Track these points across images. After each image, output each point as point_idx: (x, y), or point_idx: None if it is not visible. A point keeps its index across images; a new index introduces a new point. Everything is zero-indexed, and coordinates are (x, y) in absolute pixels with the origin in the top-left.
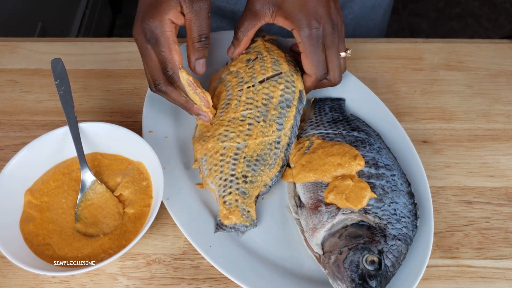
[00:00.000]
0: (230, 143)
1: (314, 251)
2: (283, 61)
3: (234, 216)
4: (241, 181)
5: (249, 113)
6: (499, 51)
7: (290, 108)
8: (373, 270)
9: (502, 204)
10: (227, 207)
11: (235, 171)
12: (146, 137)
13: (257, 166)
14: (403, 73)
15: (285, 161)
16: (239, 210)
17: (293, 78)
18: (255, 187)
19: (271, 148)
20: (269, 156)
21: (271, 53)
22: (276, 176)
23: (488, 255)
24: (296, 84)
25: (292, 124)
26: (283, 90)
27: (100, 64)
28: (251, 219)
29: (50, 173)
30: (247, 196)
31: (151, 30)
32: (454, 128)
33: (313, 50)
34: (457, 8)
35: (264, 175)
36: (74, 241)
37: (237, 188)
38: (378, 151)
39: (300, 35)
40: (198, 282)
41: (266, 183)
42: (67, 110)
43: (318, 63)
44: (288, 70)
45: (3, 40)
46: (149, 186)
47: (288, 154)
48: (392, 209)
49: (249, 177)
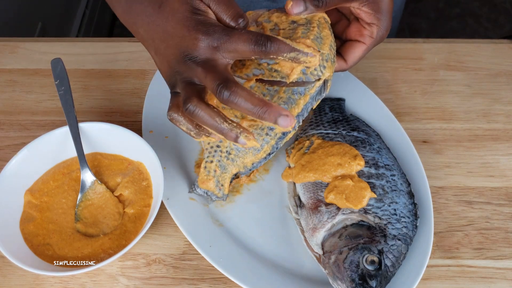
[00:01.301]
0: (227, 112)
1: (314, 251)
2: (327, 42)
3: (209, 184)
4: (224, 156)
5: (257, 86)
6: (499, 51)
7: (303, 95)
8: (373, 270)
9: (502, 204)
10: (206, 173)
11: (221, 143)
12: (146, 137)
13: (242, 147)
14: (403, 73)
15: (275, 150)
16: (214, 180)
17: (325, 64)
18: (234, 165)
19: (261, 133)
20: (258, 141)
21: (319, 28)
22: (259, 162)
23: (488, 255)
24: (325, 72)
25: (298, 113)
26: (304, 73)
27: (100, 64)
28: (222, 192)
29: (50, 173)
30: (225, 171)
31: None
32: (454, 128)
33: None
34: (457, 8)
35: (247, 158)
36: (74, 241)
37: (219, 160)
38: (378, 151)
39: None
40: (198, 282)
41: (246, 165)
42: (67, 110)
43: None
44: (327, 53)
45: (3, 40)
46: (149, 186)
47: (280, 144)
48: (392, 209)
49: (231, 155)
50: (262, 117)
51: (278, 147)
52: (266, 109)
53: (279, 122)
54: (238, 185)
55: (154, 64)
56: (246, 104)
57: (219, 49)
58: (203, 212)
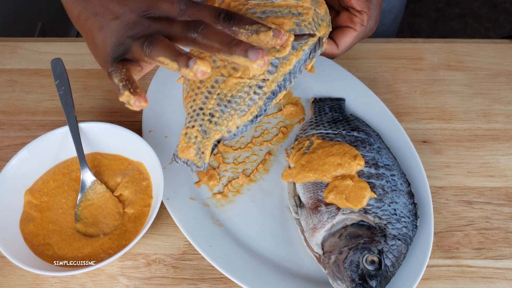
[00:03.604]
0: (212, 72)
1: (314, 251)
2: (323, 6)
3: (188, 151)
4: (206, 119)
5: None
6: (499, 51)
7: (295, 51)
8: (373, 270)
9: (502, 204)
10: (186, 140)
11: (205, 105)
12: (146, 137)
13: (227, 108)
14: (403, 73)
15: (263, 111)
16: (194, 147)
17: (320, 22)
18: (217, 130)
19: (248, 91)
20: (243, 100)
21: None
22: (245, 125)
23: (488, 255)
24: (320, 29)
25: (290, 71)
26: (297, 24)
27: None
28: (202, 161)
29: (50, 173)
30: (206, 136)
31: None
32: (454, 128)
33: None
34: (457, 8)
35: (231, 121)
36: (74, 241)
37: (201, 125)
38: (378, 151)
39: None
40: (198, 282)
41: (231, 130)
42: (67, 110)
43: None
44: (322, 15)
45: (3, 40)
46: (149, 186)
47: (269, 104)
48: (392, 209)
49: (215, 118)
50: (231, 51)
51: (266, 110)
52: (235, 42)
53: (249, 55)
54: (238, 185)
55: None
56: (213, 42)
57: (184, 12)
58: (203, 212)
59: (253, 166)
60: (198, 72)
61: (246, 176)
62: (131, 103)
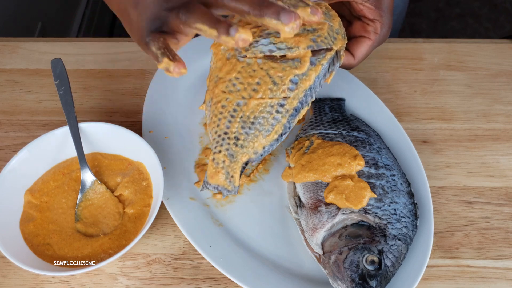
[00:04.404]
0: (233, 96)
1: (314, 251)
2: (336, 19)
3: (218, 177)
4: (232, 143)
5: (263, 63)
6: (499, 51)
7: (314, 66)
8: (373, 270)
9: (502, 204)
10: (214, 165)
11: (229, 129)
12: (146, 137)
13: (251, 130)
14: (403, 73)
15: (287, 129)
16: (223, 172)
17: (336, 36)
18: (244, 152)
19: (270, 111)
20: (267, 120)
21: (327, 9)
22: (271, 145)
23: (488, 255)
24: (336, 42)
25: (310, 86)
26: (314, 41)
27: (100, 64)
28: (233, 185)
29: (50, 173)
30: (234, 160)
31: None
32: (454, 128)
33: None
34: (457, 8)
35: (257, 142)
36: (74, 241)
37: (227, 149)
38: (378, 151)
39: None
40: (198, 282)
41: (257, 151)
42: (67, 110)
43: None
44: (337, 28)
45: (3, 40)
46: (149, 186)
47: (293, 121)
48: (392, 209)
49: (240, 140)
50: (262, 13)
51: (290, 127)
52: (266, 3)
53: (281, 18)
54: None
55: (155, 64)
56: (243, 3)
57: None
58: (203, 212)
59: (253, 166)
60: (240, 40)
61: (246, 176)
62: (171, 69)
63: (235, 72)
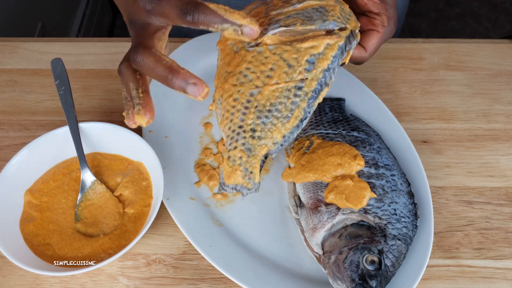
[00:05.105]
0: (245, 87)
1: (314, 251)
2: (347, 5)
3: (236, 175)
4: (248, 136)
5: (275, 48)
6: (499, 51)
7: (331, 45)
8: (373, 270)
9: (502, 204)
10: (230, 163)
11: (244, 122)
12: (146, 137)
13: (268, 118)
14: (403, 73)
15: (308, 114)
16: (241, 169)
17: (349, 17)
18: (262, 144)
19: (288, 95)
20: (285, 106)
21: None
22: (291, 132)
23: (488, 255)
24: (350, 22)
25: (328, 66)
26: (327, 20)
27: (100, 64)
28: (253, 182)
29: (50, 173)
30: (252, 154)
31: None
32: (454, 128)
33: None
34: (457, 8)
35: (275, 131)
36: (74, 241)
37: (243, 143)
38: (378, 151)
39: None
40: (198, 282)
41: (277, 141)
42: (67, 110)
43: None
44: (348, 11)
45: (3, 40)
46: (149, 186)
47: (313, 105)
48: (392, 209)
49: (257, 132)
50: (170, 84)
51: (310, 111)
52: (172, 76)
53: (188, 90)
54: None
55: None
56: (152, 70)
57: (152, 12)
58: (203, 212)
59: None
60: (249, 31)
61: None
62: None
63: (246, 63)
